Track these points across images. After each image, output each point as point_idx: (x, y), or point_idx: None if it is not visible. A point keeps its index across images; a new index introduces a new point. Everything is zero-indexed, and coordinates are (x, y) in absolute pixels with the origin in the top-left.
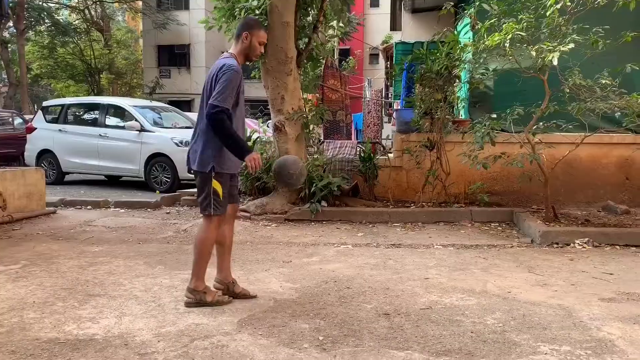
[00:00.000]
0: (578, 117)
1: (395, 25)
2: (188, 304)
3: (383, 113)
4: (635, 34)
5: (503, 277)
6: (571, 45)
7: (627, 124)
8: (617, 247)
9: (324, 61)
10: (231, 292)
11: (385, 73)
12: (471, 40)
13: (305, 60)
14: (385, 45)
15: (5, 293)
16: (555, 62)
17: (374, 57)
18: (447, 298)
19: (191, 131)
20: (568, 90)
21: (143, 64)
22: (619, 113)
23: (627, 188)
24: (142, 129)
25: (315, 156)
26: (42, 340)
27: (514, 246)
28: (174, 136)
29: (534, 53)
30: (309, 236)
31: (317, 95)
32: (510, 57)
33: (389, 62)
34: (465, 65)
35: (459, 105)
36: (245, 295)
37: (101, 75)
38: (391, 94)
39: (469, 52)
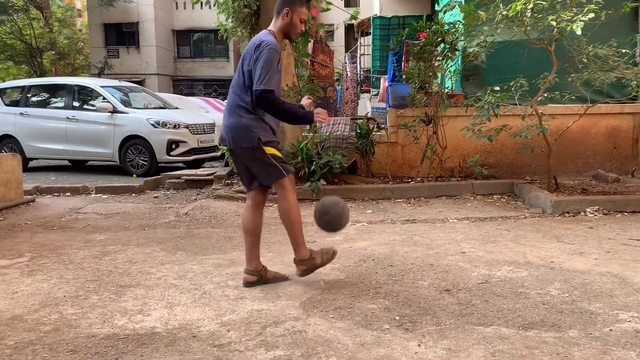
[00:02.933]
0: (578, 88)
1: (349, 1)
2: (304, 274)
3: (359, 90)
4: (635, 4)
5: (537, 247)
6: (591, 15)
7: (632, 94)
8: (625, 213)
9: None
10: (264, 280)
11: (355, 49)
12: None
13: None
14: (357, 20)
15: (27, 288)
16: (579, 32)
17: (328, 34)
18: (496, 271)
19: (165, 111)
20: (585, 60)
21: (89, 44)
22: (634, 82)
23: (615, 157)
24: (115, 110)
25: (310, 134)
26: (99, 337)
27: (527, 217)
28: (150, 117)
29: (554, 23)
30: None
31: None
32: (528, 27)
33: (361, 38)
34: (463, 38)
35: (452, 78)
36: (276, 278)
37: (43, 56)
38: (363, 69)
39: (483, 23)
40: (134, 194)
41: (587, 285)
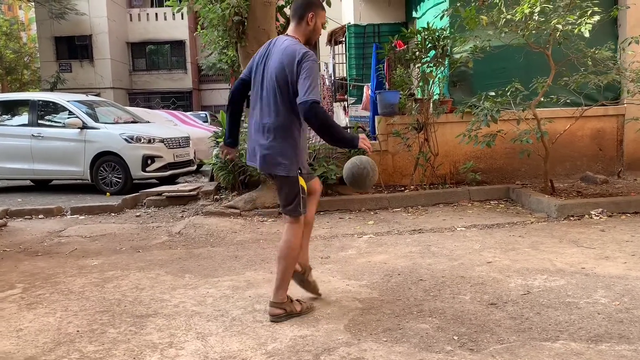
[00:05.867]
0: (568, 92)
1: None
2: (277, 319)
3: (334, 99)
4: (624, 7)
5: (559, 253)
6: (597, 18)
7: (629, 95)
8: (629, 215)
9: None
10: (305, 278)
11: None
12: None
13: None
14: (331, 29)
15: (31, 324)
16: (587, 34)
17: None
18: (533, 280)
19: (138, 126)
20: (590, 63)
21: (40, 58)
22: (633, 84)
23: (601, 158)
24: (85, 126)
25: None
26: None
27: (533, 222)
28: (123, 131)
29: (559, 26)
30: (319, 229)
31: None
32: (533, 31)
33: (334, 46)
34: (453, 43)
35: (440, 85)
36: (314, 290)
37: None
38: (338, 78)
39: (485, 28)
40: (113, 214)
41: (632, 292)
